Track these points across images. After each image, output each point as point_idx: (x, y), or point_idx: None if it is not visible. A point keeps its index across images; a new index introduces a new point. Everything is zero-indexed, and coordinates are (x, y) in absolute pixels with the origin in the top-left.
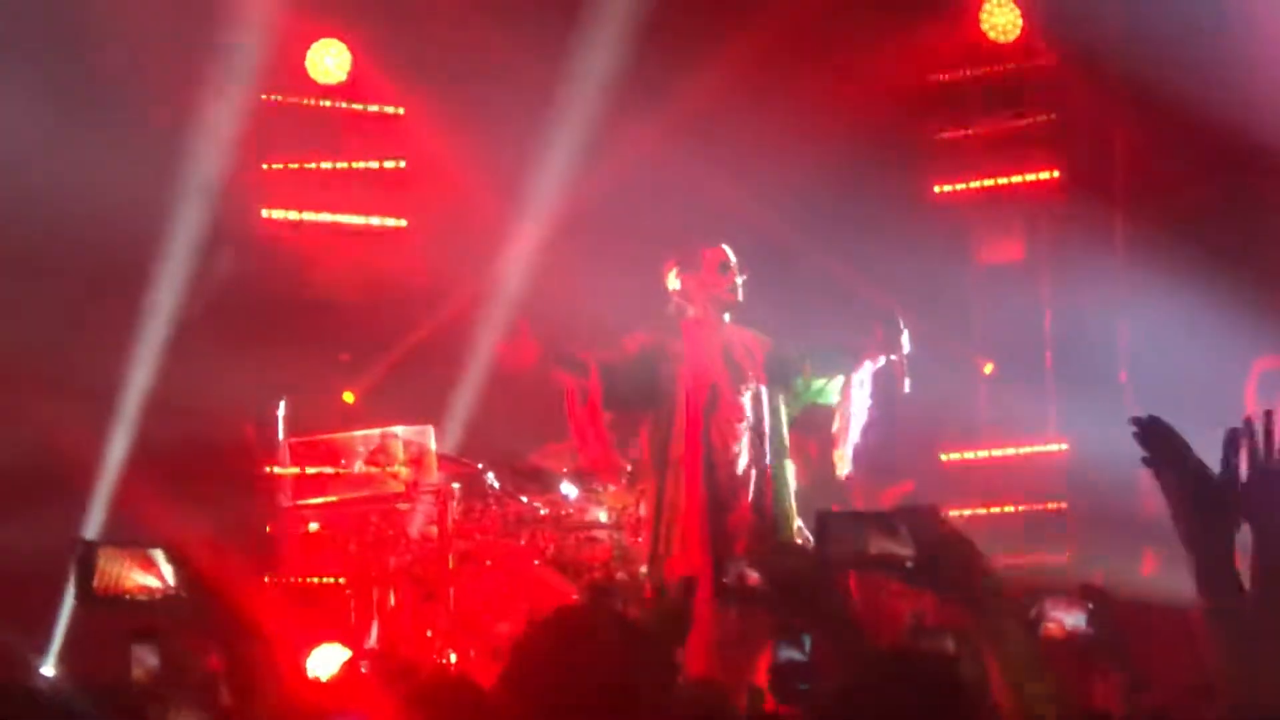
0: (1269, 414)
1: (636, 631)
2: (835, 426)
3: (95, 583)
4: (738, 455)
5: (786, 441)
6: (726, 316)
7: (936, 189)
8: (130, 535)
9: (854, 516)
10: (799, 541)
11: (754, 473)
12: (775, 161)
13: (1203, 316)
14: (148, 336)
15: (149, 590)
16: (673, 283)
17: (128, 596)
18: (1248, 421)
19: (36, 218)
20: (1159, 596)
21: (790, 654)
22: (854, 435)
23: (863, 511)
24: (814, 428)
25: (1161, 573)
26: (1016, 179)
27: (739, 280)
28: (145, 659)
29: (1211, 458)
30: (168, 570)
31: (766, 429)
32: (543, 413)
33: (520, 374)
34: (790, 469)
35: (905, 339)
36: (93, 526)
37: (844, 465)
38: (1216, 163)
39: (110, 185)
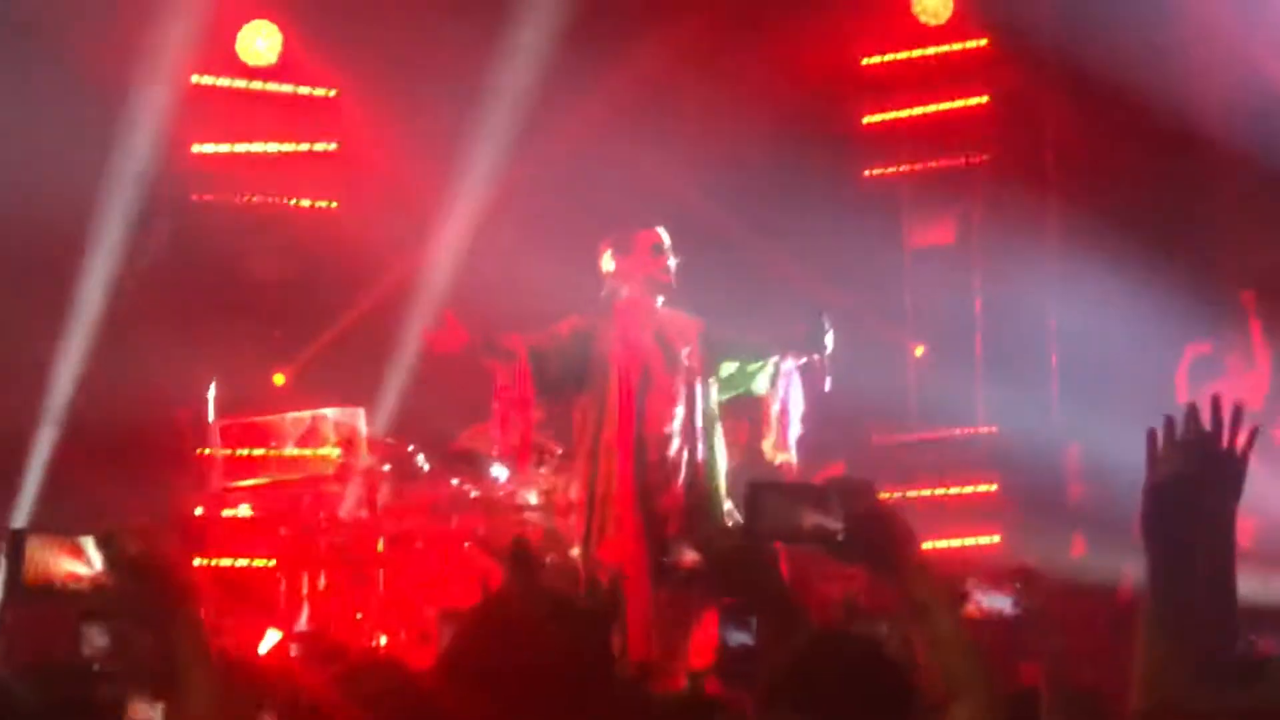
0: (1215, 399)
1: (571, 612)
2: (767, 414)
3: (25, 572)
4: (670, 437)
5: (718, 424)
6: (660, 300)
7: (867, 172)
8: (61, 522)
9: (785, 488)
10: (729, 523)
11: (686, 455)
12: (707, 145)
13: (1133, 301)
14: (78, 319)
15: (78, 578)
16: (607, 264)
17: (57, 585)
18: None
19: None
20: (1088, 579)
21: (739, 637)
22: (794, 426)
23: (794, 484)
24: (744, 410)
25: (1090, 556)
26: (947, 163)
27: (671, 263)
28: (94, 639)
29: (1140, 442)
30: (96, 557)
31: (698, 411)
32: (473, 395)
33: (447, 360)
34: (721, 451)
35: (829, 339)
36: (23, 513)
37: (783, 454)
38: (1149, 147)
39: (39, 168)
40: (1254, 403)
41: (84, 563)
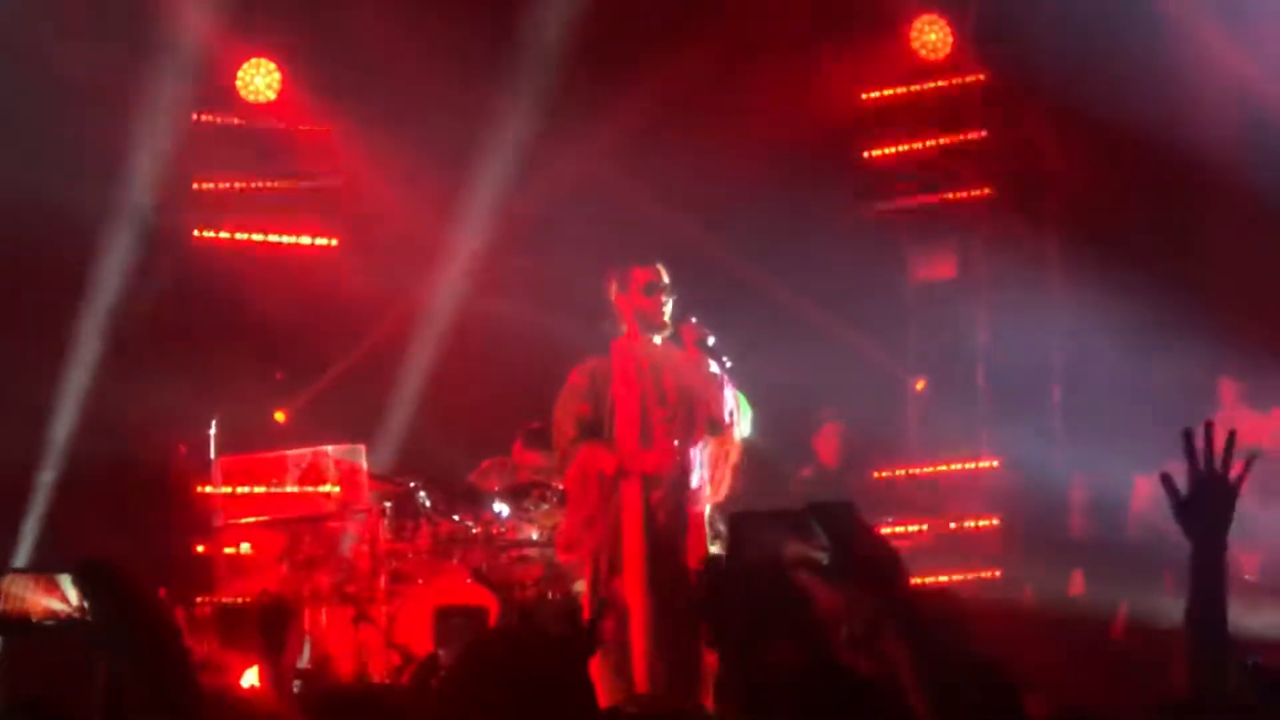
0: (1208, 425)
1: (547, 643)
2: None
3: (2, 608)
4: (672, 473)
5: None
6: (657, 338)
7: (870, 206)
8: (58, 562)
9: (765, 517)
10: (714, 550)
11: (690, 490)
12: (709, 180)
13: (1136, 334)
14: (80, 356)
15: (54, 614)
16: (611, 296)
17: (34, 620)
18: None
19: None
20: (1085, 616)
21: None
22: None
23: (772, 511)
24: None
25: (1088, 594)
26: (949, 196)
27: (667, 302)
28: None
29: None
30: (72, 594)
31: (695, 449)
32: (473, 431)
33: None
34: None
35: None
36: (22, 554)
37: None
38: (1149, 180)
39: (41, 206)
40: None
41: (59, 599)
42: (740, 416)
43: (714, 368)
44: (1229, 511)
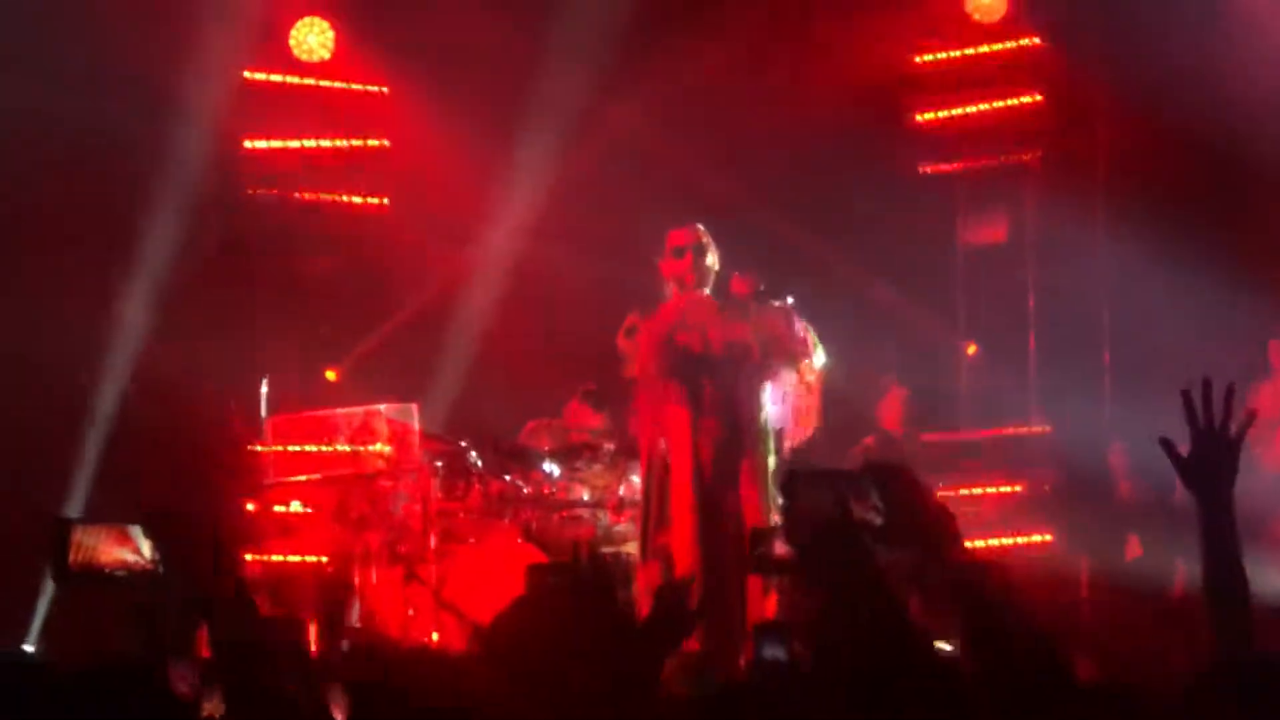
0: (1207, 383)
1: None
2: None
3: (71, 559)
4: (720, 432)
5: (768, 421)
6: (703, 297)
7: (920, 170)
8: (111, 513)
9: (819, 476)
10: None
11: (739, 449)
12: (758, 142)
13: (1186, 297)
14: (130, 314)
15: (126, 564)
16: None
17: (106, 571)
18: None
19: (18, 195)
20: (1143, 580)
21: (774, 652)
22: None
23: (828, 471)
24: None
25: (1144, 556)
26: (1000, 160)
27: (705, 263)
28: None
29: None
30: (145, 546)
31: (747, 408)
32: (527, 390)
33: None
34: (770, 445)
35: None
36: (75, 505)
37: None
38: (1200, 142)
39: (93, 164)
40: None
41: (132, 550)
42: (815, 345)
43: (776, 303)
44: (1233, 466)
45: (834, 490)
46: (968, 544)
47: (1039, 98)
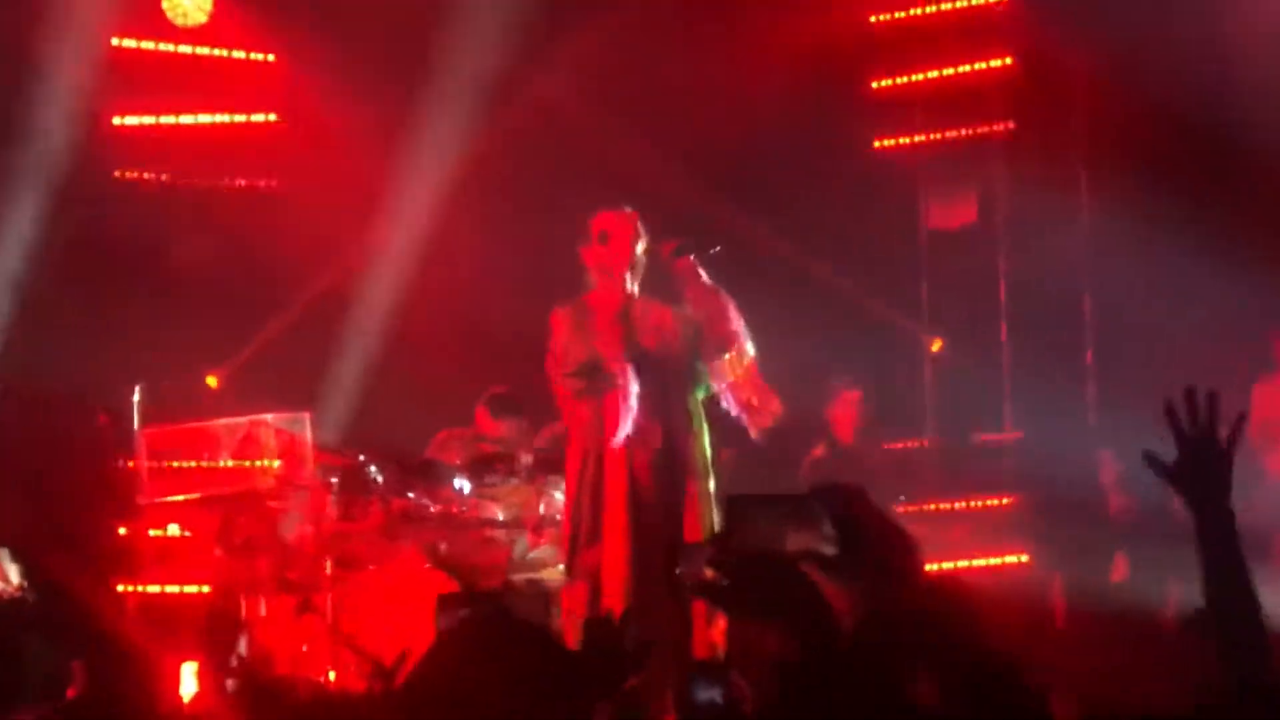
0: (1190, 390)
1: (559, 651)
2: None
3: None
4: (654, 438)
5: (703, 420)
6: (634, 289)
7: (876, 144)
8: None
9: (765, 502)
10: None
11: (673, 456)
12: (694, 115)
13: (1179, 287)
14: None
15: None
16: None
17: None
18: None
19: None
20: (1130, 605)
21: (709, 694)
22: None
23: (775, 496)
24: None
25: (1131, 579)
26: (967, 132)
27: (635, 250)
28: None
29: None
30: (13, 570)
31: (679, 410)
32: (435, 396)
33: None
34: (706, 450)
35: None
36: None
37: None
38: (1194, 111)
39: None
40: None
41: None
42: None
43: (707, 280)
44: (1226, 473)
45: (779, 517)
46: (932, 567)
47: (1009, 61)
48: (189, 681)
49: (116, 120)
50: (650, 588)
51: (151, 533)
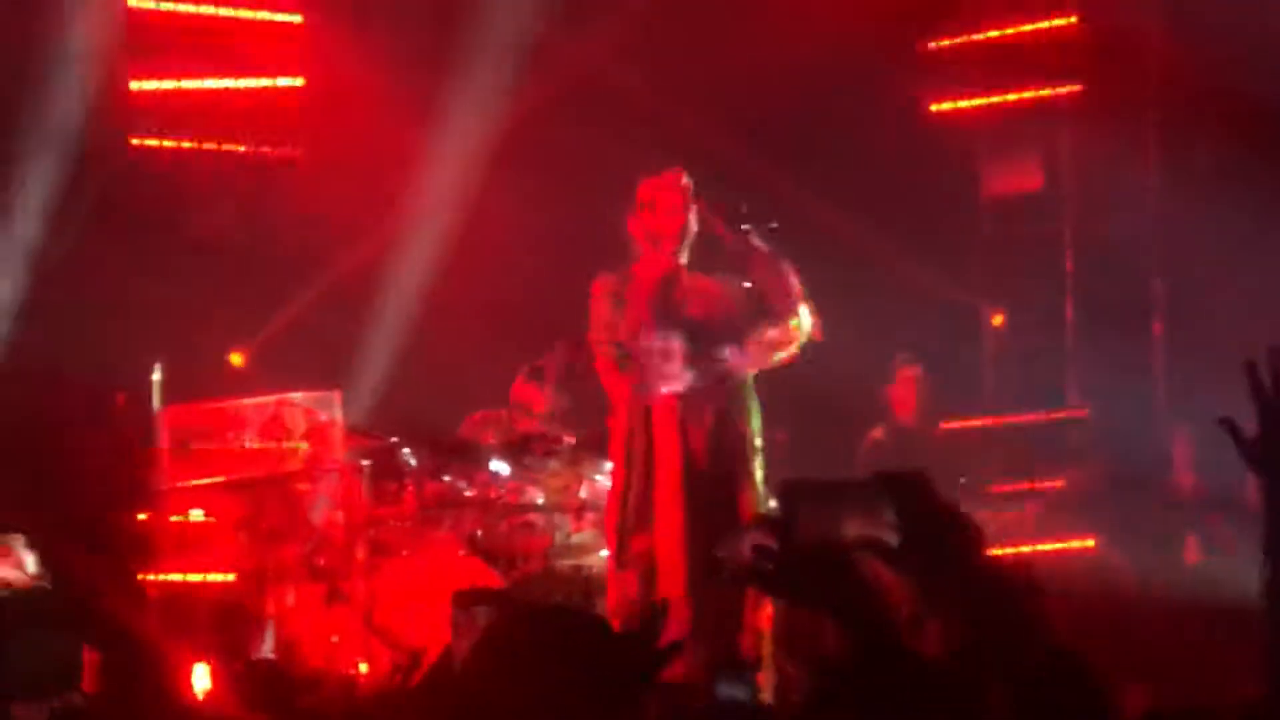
0: (1276, 351)
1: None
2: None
3: None
4: (704, 415)
5: (752, 404)
6: (684, 258)
7: (934, 107)
8: None
9: (825, 488)
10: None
11: (723, 433)
12: (742, 76)
13: (1252, 257)
14: None
15: (7, 583)
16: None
17: None
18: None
19: None
20: (1203, 590)
21: (732, 692)
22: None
23: (836, 483)
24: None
25: (1207, 561)
26: (1031, 94)
27: (685, 217)
28: None
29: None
30: (29, 559)
31: (730, 383)
32: (470, 374)
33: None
34: (758, 426)
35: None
36: None
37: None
38: (1267, 72)
39: None
40: None
41: (13, 565)
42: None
43: (758, 243)
44: None
45: (839, 505)
46: (995, 553)
47: (1075, 19)
48: (203, 678)
49: (134, 85)
50: (706, 575)
51: (172, 519)
